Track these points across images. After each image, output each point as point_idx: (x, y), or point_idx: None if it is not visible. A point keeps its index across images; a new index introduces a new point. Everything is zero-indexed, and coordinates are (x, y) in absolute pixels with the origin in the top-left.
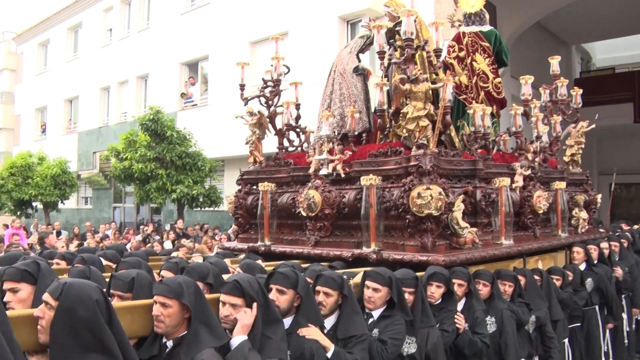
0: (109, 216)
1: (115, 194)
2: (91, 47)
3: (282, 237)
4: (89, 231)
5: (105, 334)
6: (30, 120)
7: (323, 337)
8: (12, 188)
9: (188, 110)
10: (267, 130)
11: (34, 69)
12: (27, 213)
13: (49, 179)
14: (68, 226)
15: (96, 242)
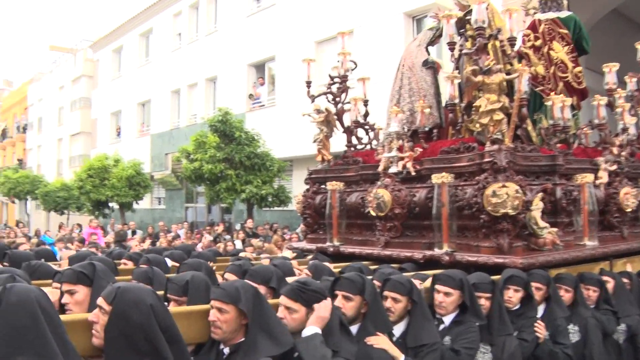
0: (181, 216)
1: (187, 194)
2: (162, 51)
3: (351, 238)
4: (162, 231)
5: (159, 341)
6: (106, 124)
7: (392, 346)
8: (90, 189)
9: (256, 111)
10: (334, 127)
11: (109, 74)
12: (104, 213)
13: (124, 180)
14: (142, 226)
15: (168, 242)
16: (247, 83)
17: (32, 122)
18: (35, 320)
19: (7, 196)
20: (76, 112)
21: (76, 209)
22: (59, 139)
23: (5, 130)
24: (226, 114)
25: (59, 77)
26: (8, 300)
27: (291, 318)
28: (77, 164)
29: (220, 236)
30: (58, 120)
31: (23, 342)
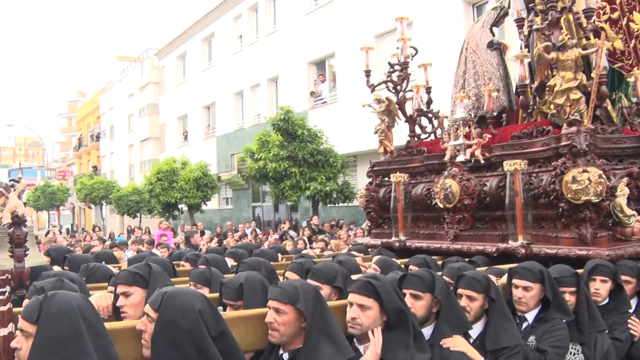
0: (249, 215)
1: (253, 193)
2: (224, 54)
3: (417, 232)
4: (229, 230)
5: (209, 348)
6: (173, 128)
7: (471, 348)
8: (159, 192)
9: (318, 108)
10: (396, 117)
11: (174, 80)
12: (174, 215)
13: (192, 182)
14: (211, 226)
15: (235, 241)
16: (308, 81)
17: (104, 130)
18: (77, 332)
19: (84, 202)
20: (145, 119)
21: (147, 212)
22: (129, 145)
23: (81, 140)
24: (288, 112)
25: (127, 85)
26: (48, 310)
27: (365, 316)
28: (147, 169)
29: (286, 234)
30: (128, 127)
31: (65, 354)
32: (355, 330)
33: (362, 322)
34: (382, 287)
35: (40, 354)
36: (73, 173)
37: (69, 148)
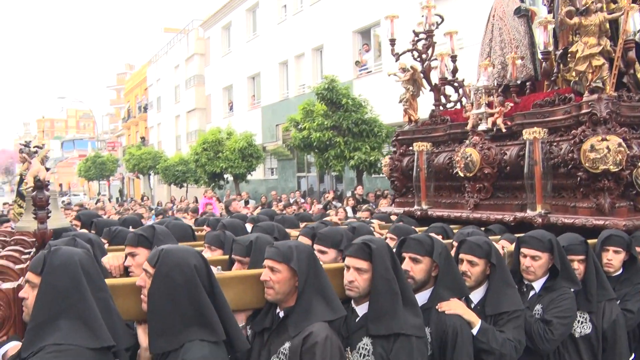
0: (294, 185)
1: (298, 164)
2: (268, 25)
3: (439, 201)
4: (274, 200)
5: (204, 303)
6: (219, 99)
7: (467, 310)
8: (205, 162)
9: (363, 78)
10: (421, 86)
11: (219, 51)
12: (219, 185)
13: (237, 152)
14: (256, 196)
15: (279, 210)
16: (353, 50)
17: (151, 101)
18: (77, 283)
19: (132, 172)
20: (191, 90)
21: (194, 181)
22: (176, 116)
23: (129, 111)
24: (332, 81)
25: (173, 57)
26: (51, 263)
27: (362, 279)
28: (193, 139)
29: (330, 203)
30: (175, 98)
31: (66, 304)
32: (353, 293)
33: (359, 285)
34: (377, 251)
35: (43, 302)
36: (122, 144)
37: (118, 120)
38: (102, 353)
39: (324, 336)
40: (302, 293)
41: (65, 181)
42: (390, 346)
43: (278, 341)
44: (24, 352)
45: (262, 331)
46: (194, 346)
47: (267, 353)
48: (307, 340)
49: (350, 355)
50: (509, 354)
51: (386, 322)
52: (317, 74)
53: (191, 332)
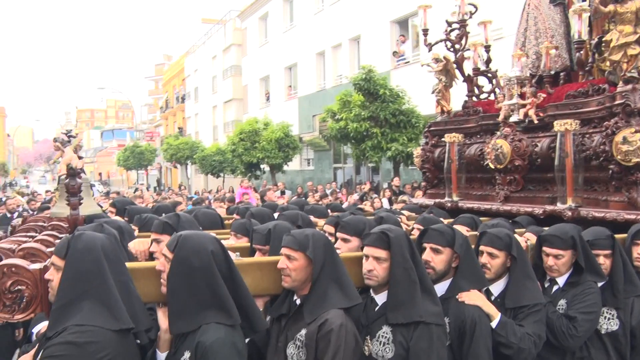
0: (330, 177)
1: (335, 155)
2: (305, 15)
3: (470, 193)
4: (310, 190)
5: (220, 288)
6: (255, 90)
7: (487, 303)
8: (242, 152)
9: (401, 68)
10: (454, 77)
11: (256, 41)
12: (256, 175)
13: (274, 142)
14: (293, 186)
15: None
16: (391, 40)
17: (189, 92)
18: (99, 267)
19: (170, 161)
20: (228, 80)
21: (230, 171)
22: (213, 106)
23: (167, 101)
24: (370, 71)
25: (211, 47)
26: (75, 246)
27: (381, 268)
28: (230, 129)
29: (367, 195)
30: (212, 88)
31: (88, 287)
32: (372, 282)
33: (377, 274)
34: (395, 239)
35: (67, 285)
36: (160, 134)
37: (156, 110)
38: (121, 334)
39: (339, 323)
40: (317, 281)
41: (105, 170)
42: (410, 334)
43: (295, 327)
44: (49, 331)
45: (279, 317)
46: (210, 328)
47: (285, 339)
48: (322, 327)
49: (370, 343)
50: (527, 349)
51: (405, 311)
52: (355, 65)
53: (208, 315)
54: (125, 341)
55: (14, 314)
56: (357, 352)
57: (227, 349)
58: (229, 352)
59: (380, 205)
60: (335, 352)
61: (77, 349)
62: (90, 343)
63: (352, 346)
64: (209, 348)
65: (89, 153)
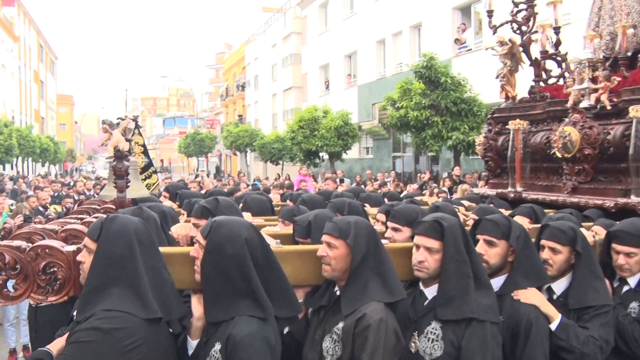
0: (389, 165)
1: (394, 144)
2: (366, 2)
3: (535, 183)
4: (369, 179)
5: (252, 277)
6: (315, 77)
7: (545, 302)
8: (301, 140)
9: (463, 56)
10: (520, 61)
11: (316, 29)
12: (314, 163)
13: (333, 130)
14: (351, 175)
15: (374, 189)
16: (452, 27)
17: (249, 80)
18: (131, 252)
19: (230, 149)
20: (288, 68)
21: (289, 159)
22: (273, 94)
23: (227, 90)
24: (431, 59)
25: (271, 36)
26: (108, 229)
27: (432, 259)
28: (290, 117)
29: (427, 184)
30: (272, 76)
31: (119, 272)
32: (422, 274)
33: (429, 266)
34: (449, 229)
35: (97, 269)
36: (220, 122)
37: (216, 98)
38: (151, 322)
39: (378, 318)
40: (357, 271)
41: (166, 157)
42: (462, 332)
43: (333, 320)
44: (78, 316)
45: (319, 309)
46: (242, 321)
47: (322, 332)
48: (360, 322)
49: (417, 339)
50: (592, 354)
51: (456, 306)
52: (415, 52)
53: (242, 306)
54: (156, 329)
55: (47, 295)
56: (397, 350)
57: (258, 343)
58: (260, 347)
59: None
60: (374, 351)
61: (103, 335)
62: (117, 329)
63: (392, 344)
64: (240, 342)
65: (151, 140)
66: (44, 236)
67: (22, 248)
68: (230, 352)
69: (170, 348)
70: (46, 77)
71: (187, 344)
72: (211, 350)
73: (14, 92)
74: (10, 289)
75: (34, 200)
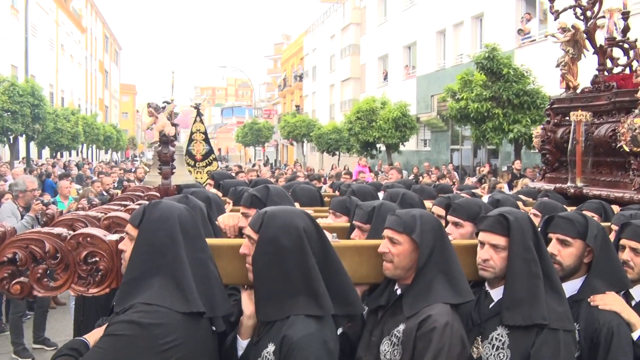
0: (446, 158)
1: (452, 136)
2: None
3: (597, 178)
4: (426, 171)
5: (312, 271)
6: (373, 69)
7: (628, 309)
8: (358, 131)
9: (526, 47)
10: (584, 48)
11: (375, 20)
12: (371, 154)
13: (391, 122)
14: (408, 167)
15: (432, 181)
16: (516, 17)
17: (307, 70)
18: (173, 240)
19: (287, 139)
20: (346, 59)
21: (346, 150)
22: (330, 85)
23: (285, 80)
24: (493, 50)
25: (329, 27)
26: (150, 216)
27: (498, 258)
28: (347, 108)
29: (486, 177)
30: (330, 67)
31: (160, 261)
32: (488, 273)
33: (495, 265)
34: (516, 224)
35: (138, 257)
36: (277, 112)
37: (274, 88)
38: (192, 318)
39: (444, 322)
40: (423, 269)
41: (224, 146)
42: (531, 340)
43: (392, 322)
44: (117, 307)
45: (377, 309)
46: (298, 321)
47: (380, 334)
48: (423, 324)
49: (480, 345)
50: None
51: (524, 311)
52: (476, 43)
53: (298, 304)
54: (196, 326)
55: (88, 287)
56: (462, 358)
57: (316, 346)
58: (319, 350)
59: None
60: (435, 357)
61: (141, 330)
62: (156, 325)
63: (457, 351)
64: (296, 344)
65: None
66: (87, 223)
67: (63, 236)
68: (285, 354)
69: (211, 348)
70: (110, 67)
71: (237, 343)
72: (263, 351)
73: (81, 82)
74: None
75: (99, 185)
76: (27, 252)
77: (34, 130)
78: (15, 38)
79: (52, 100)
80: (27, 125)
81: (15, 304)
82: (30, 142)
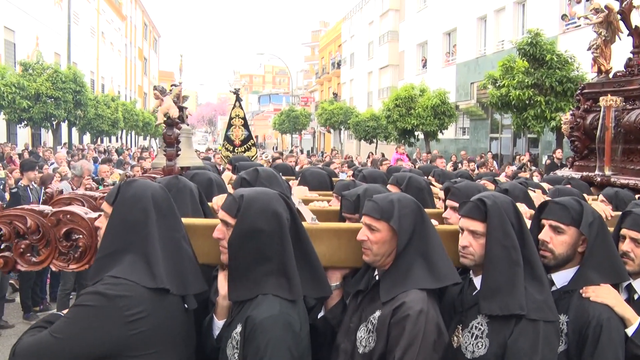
0: (485, 147)
1: (492, 125)
2: None
3: (627, 167)
4: (464, 159)
5: (288, 255)
6: (412, 56)
7: (621, 302)
8: (396, 118)
9: (570, 33)
10: (618, 30)
11: (414, 6)
12: (409, 142)
13: (429, 109)
14: (446, 155)
15: (471, 170)
16: (560, 2)
17: (345, 58)
18: (146, 218)
19: (324, 126)
20: (384, 46)
21: (383, 137)
22: (368, 72)
23: (323, 67)
24: (536, 35)
25: (368, 13)
26: (124, 194)
27: (477, 244)
28: (385, 95)
29: (526, 166)
30: (368, 54)
31: (133, 238)
32: (467, 261)
33: (474, 251)
34: (493, 208)
35: (111, 233)
36: (315, 99)
37: (311, 75)
38: (160, 294)
39: (418, 309)
40: (402, 254)
41: (261, 133)
42: (510, 330)
43: (370, 308)
44: (90, 282)
45: (357, 294)
46: (264, 302)
47: (358, 319)
48: (397, 311)
49: (460, 334)
50: None
51: (502, 300)
52: (519, 29)
53: (268, 284)
54: (164, 302)
55: (69, 263)
56: (439, 347)
57: (279, 328)
58: (281, 331)
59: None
60: (409, 345)
61: (107, 301)
62: (121, 297)
63: (432, 339)
64: (259, 325)
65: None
66: (83, 202)
67: (45, 213)
68: (248, 335)
69: (183, 324)
70: (149, 55)
71: (213, 324)
72: (233, 332)
73: (121, 69)
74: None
75: (139, 170)
76: (12, 227)
77: (75, 116)
78: (58, 26)
79: (92, 87)
80: (69, 111)
81: (66, 281)
82: (72, 127)
